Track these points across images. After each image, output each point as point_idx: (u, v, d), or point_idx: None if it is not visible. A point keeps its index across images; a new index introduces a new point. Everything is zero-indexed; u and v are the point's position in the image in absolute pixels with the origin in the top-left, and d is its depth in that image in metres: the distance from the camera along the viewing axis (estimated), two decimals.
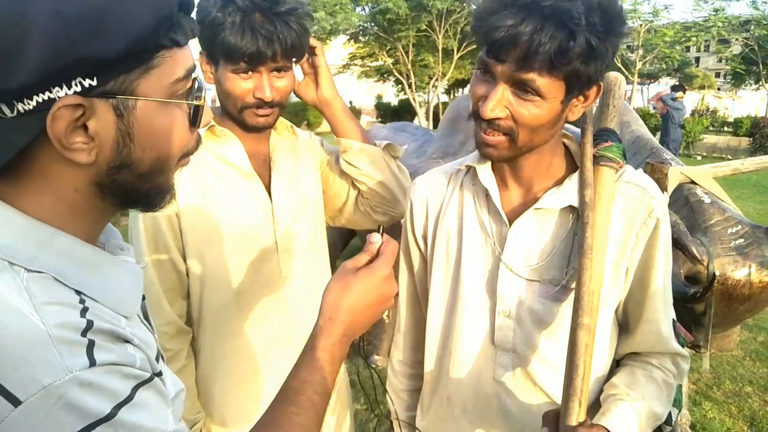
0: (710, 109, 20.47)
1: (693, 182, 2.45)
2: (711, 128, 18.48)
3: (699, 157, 14.29)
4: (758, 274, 2.17)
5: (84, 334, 0.55)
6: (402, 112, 20.43)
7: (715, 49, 21.51)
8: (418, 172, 1.36)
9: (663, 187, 2.06)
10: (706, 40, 19.82)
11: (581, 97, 0.95)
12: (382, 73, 19.43)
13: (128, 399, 0.55)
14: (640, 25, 18.23)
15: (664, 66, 20.30)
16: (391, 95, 24.63)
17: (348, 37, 16.75)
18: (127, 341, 0.60)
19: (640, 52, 18.76)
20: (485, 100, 0.92)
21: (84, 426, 0.52)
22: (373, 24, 15.30)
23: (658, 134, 11.09)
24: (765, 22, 18.08)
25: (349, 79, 20.23)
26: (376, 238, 0.84)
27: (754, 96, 23.28)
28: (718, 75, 34.29)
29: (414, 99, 16.34)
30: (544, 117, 0.91)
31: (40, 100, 0.56)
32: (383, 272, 0.81)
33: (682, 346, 1.12)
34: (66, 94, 0.56)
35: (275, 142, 1.40)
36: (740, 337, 4.00)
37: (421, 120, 15.85)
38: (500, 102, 0.91)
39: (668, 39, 17.91)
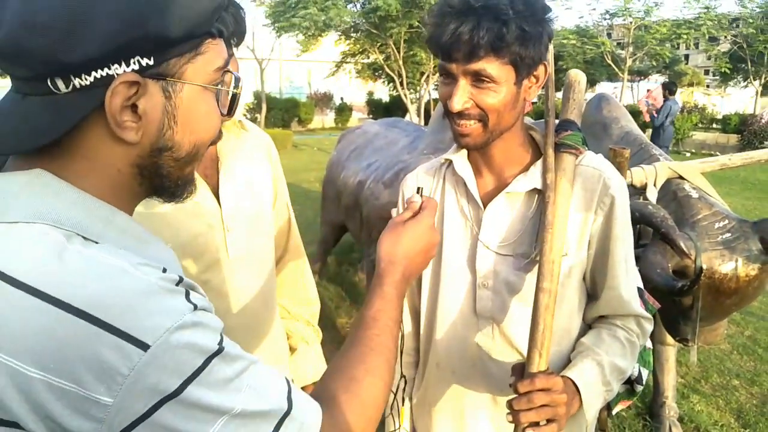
0: (699, 106, 20.60)
1: (681, 177, 2.48)
2: (700, 125, 18.59)
3: (688, 154, 14.37)
4: (745, 268, 2.19)
5: (178, 284, 0.60)
6: (393, 109, 20.43)
7: (704, 46, 21.57)
8: (410, 168, 1.39)
9: (622, 170, 2.11)
10: (695, 38, 19.87)
11: (532, 78, 1.08)
12: (374, 70, 19.38)
13: (222, 336, 0.61)
14: (631, 23, 18.30)
15: (654, 63, 20.39)
16: (382, 92, 24.61)
17: (340, 34, 16.69)
18: (203, 295, 0.64)
19: (631, 49, 18.84)
20: (451, 97, 1.06)
21: (203, 360, 0.57)
22: (364, 20, 15.24)
23: (649, 131, 11.16)
24: (752, 21, 18.20)
25: (341, 76, 20.16)
26: (416, 198, 0.97)
27: (743, 93, 23.44)
28: (707, 72, 34.50)
29: (405, 95, 16.28)
30: (504, 99, 1.05)
31: (98, 76, 0.57)
32: (428, 222, 0.93)
33: (651, 313, 1.23)
34: (124, 71, 0.58)
35: (223, 140, 1.29)
36: (728, 331, 4.05)
37: (413, 116, 15.80)
38: (463, 95, 1.05)
39: (659, 36, 17.97)
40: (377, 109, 23.08)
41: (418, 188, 1.00)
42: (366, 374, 0.74)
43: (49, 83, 0.57)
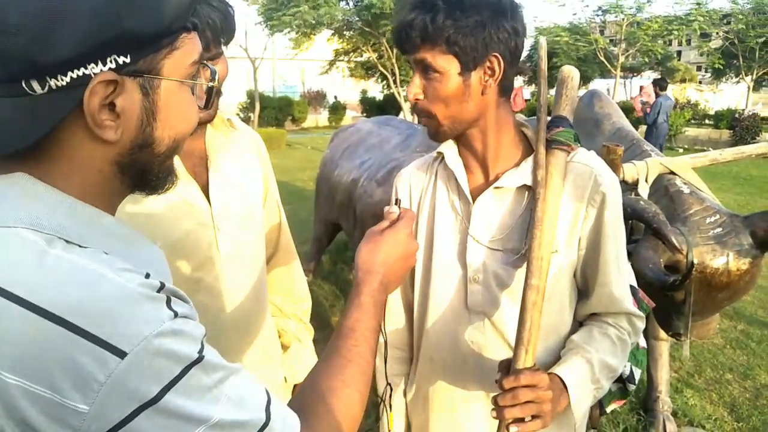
0: (692, 102, 20.68)
1: (672, 173, 2.49)
2: (692, 121, 18.68)
3: (681, 150, 14.44)
4: (736, 262, 2.21)
5: (159, 291, 0.58)
6: (387, 107, 20.36)
7: (696, 43, 21.62)
8: (402, 165, 1.39)
9: (616, 167, 2.12)
10: (687, 34, 19.91)
11: (487, 70, 1.07)
12: (367, 68, 19.36)
13: (203, 345, 0.60)
14: (623, 19, 18.35)
15: (646, 60, 20.44)
16: (375, 90, 24.57)
17: (332, 32, 16.65)
18: (186, 301, 0.63)
19: (623, 45, 18.88)
20: None
21: (182, 369, 0.56)
22: (357, 18, 15.20)
23: (642, 127, 11.20)
24: (743, 17, 18.27)
25: (335, 75, 20.12)
26: (394, 209, 0.99)
27: (735, 89, 23.54)
28: (699, 68, 34.62)
29: (399, 94, 16.24)
30: (447, 89, 1.06)
31: (74, 76, 0.56)
32: (405, 231, 0.94)
33: (645, 312, 1.24)
34: (101, 70, 0.57)
35: (212, 139, 1.29)
36: (720, 325, 4.07)
37: (406, 114, 15.77)
38: (416, 86, 1.09)
39: (651, 32, 18.01)
40: (371, 108, 23.01)
41: (397, 199, 1.03)
42: (343, 385, 0.75)
43: (24, 85, 0.56)
